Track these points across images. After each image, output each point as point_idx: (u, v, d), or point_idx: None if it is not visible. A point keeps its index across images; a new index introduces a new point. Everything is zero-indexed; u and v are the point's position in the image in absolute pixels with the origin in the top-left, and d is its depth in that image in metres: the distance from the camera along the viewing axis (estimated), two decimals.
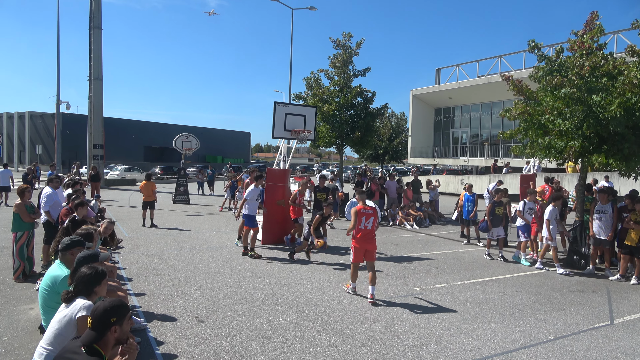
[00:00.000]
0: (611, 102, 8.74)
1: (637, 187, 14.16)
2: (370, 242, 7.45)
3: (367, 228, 7.36)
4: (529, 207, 10.67)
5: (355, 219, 7.32)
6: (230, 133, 73.21)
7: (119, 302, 3.23)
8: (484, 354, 5.36)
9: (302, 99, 21.33)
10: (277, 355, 5.15)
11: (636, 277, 8.99)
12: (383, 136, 44.95)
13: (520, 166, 22.70)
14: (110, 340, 3.11)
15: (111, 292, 5.27)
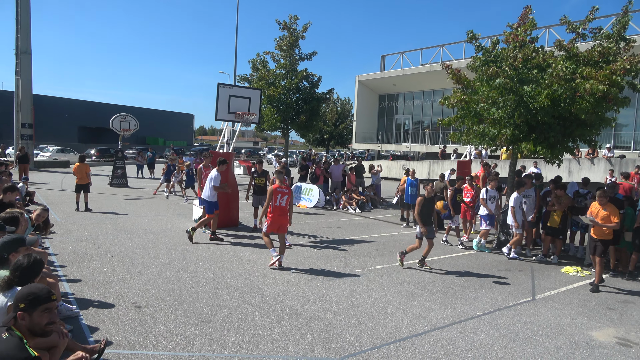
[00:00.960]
0: (540, 93, 9.30)
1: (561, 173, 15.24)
2: (284, 217, 8.28)
3: (281, 205, 8.19)
4: (490, 194, 10.50)
5: (270, 197, 8.14)
6: (172, 114, 70.82)
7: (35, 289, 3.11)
8: (417, 330, 5.63)
9: (247, 81, 20.98)
10: (217, 338, 5.14)
11: (556, 255, 9.74)
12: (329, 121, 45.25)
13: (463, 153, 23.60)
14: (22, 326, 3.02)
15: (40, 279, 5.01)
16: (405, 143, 37.36)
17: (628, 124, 25.22)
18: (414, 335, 5.48)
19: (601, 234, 7.81)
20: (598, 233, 7.85)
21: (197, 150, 42.42)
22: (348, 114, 47.24)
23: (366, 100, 39.42)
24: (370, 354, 4.94)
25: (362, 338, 5.33)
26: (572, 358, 5.09)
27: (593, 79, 8.88)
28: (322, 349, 5.01)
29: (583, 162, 20.91)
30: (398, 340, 5.33)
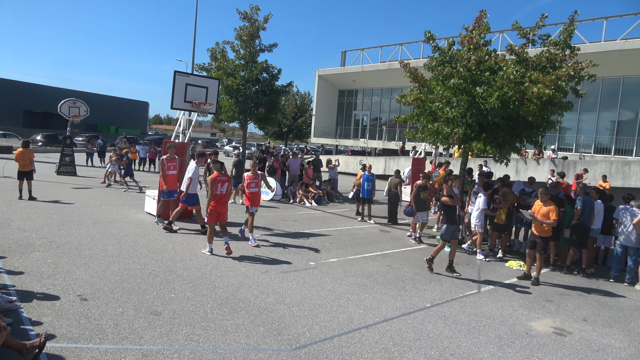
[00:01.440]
0: (491, 95, 9.65)
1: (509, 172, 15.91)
2: (224, 205, 8.54)
3: (222, 193, 8.44)
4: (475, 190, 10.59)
5: (212, 186, 8.33)
6: (126, 101, 68.21)
7: None
8: (368, 322, 5.77)
9: (205, 71, 20.55)
10: (167, 331, 5.05)
11: (501, 250, 10.20)
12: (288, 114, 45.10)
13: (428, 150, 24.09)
14: None
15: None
16: (363, 139, 37.83)
17: (571, 127, 26.64)
18: (365, 327, 5.61)
19: (541, 231, 8.24)
20: (538, 230, 8.27)
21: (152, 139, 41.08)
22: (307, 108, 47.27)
23: (326, 95, 39.56)
24: (321, 345, 5.01)
25: (314, 329, 5.40)
26: (512, 347, 5.37)
27: (540, 83, 9.31)
28: (274, 340, 5.04)
29: (529, 162, 21.93)
30: (349, 331, 5.44)
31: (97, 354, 4.41)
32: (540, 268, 8.31)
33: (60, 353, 4.39)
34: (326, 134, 39.93)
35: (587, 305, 7.20)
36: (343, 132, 39.58)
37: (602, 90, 25.08)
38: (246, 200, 9.66)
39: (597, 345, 5.64)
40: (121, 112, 64.53)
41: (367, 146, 38.57)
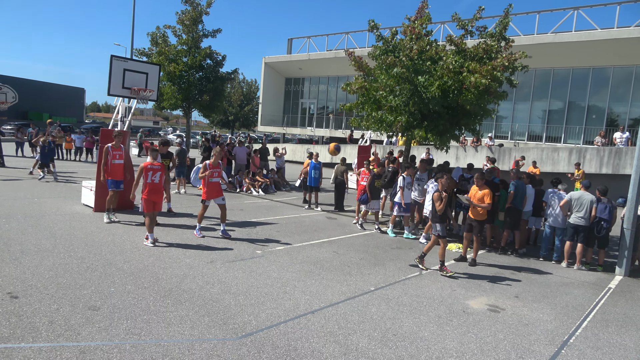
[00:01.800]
0: (432, 84, 9.96)
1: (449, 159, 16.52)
2: (158, 194, 8.50)
3: (154, 182, 8.37)
4: (407, 181, 10.65)
5: (140, 174, 8.34)
6: (60, 88, 64.14)
7: None
8: (314, 307, 5.85)
9: (145, 56, 19.69)
10: (106, 326, 4.88)
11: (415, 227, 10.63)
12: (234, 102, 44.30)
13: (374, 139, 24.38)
14: None
15: None
16: (310, 127, 37.91)
17: (507, 116, 28.05)
18: (311, 312, 5.68)
19: (477, 215, 8.64)
20: (474, 213, 8.67)
21: (89, 127, 38.99)
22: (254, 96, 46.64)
23: (272, 82, 39.19)
24: (267, 332, 5.03)
25: (261, 317, 5.41)
26: (450, 324, 5.64)
27: (477, 73, 9.70)
28: (220, 330, 5.00)
29: (468, 149, 22.89)
30: (295, 317, 5.50)
31: (29, 353, 4.19)
32: (478, 250, 8.74)
33: None
34: (273, 122, 39.65)
35: (519, 283, 7.67)
36: (290, 120, 39.45)
37: (534, 81, 26.54)
38: (204, 191, 9.14)
39: (527, 319, 6.04)
40: (55, 99, 60.64)
41: (315, 134, 38.70)
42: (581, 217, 8.89)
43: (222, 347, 4.60)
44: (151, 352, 4.39)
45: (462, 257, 8.88)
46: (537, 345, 5.23)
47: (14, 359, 4.08)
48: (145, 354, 4.34)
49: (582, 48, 23.26)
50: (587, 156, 19.83)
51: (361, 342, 4.95)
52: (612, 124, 24.14)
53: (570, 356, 5.03)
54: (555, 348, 5.20)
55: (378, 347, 4.85)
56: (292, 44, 38.22)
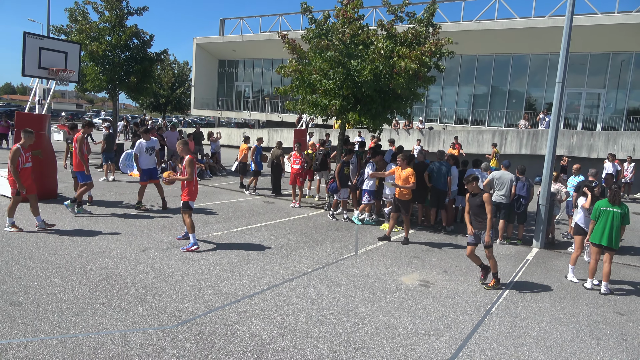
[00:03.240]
0: (364, 68, 10.15)
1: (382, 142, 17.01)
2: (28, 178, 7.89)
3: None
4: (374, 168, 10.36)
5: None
6: None
7: None
8: (252, 291, 5.88)
9: (64, 34, 18.33)
10: (30, 321, 4.61)
11: (376, 215, 11.00)
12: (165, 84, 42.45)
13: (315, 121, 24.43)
14: None
15: None
16: (246, 111, 37.31)
17: (436, 100, 29.25)
18: (249, 296, 5.71)
19: (402, 195, 8.92)
20: (400, 194, 8.98)
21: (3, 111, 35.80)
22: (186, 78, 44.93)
23: (205, 65, 37.97)
24: (204, 318, 5.00)
25: (197, 304, 5.36)
26: (384, 301, 5.90)
27: (407, 58, 10.02)
28: (155, 319, 4.90)
29: (401, 132, 23.67)
30: (233, 302, 5.50)
31: None
32: (408, 229, 9.13)
33: None
34: (207, 106, 38.57)
35: (447, 259, 8.15)
36: (225, 103, 38.56)
37: (461, 67, 27.80)
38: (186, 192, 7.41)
39: (454, 292, 6.45)
40: None
41: (250, 118, 38.14)
42: (502, 195, 9.54)
43: (157, 336, 4.52)
44: (81, 346, 4.22)
45: (386, 236, 9.10)
46: (463, 316, 5.62)
47: None
48: (75, 348, 4.17)
49: (503, 36, 24.67)
50: (509, 138, 21.22)
51: (299, 322, 5.06)
52: (531, 108, 25.95)
53: (492, 324, 5.46)
54: (479, 317, 5.62)
55: (316, 326, 4.99)
56: (224, 24, 37.17)
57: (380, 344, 4.70)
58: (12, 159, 7.64)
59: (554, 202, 9.78)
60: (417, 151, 19.81)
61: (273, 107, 35.21)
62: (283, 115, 33.30)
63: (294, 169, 11.97)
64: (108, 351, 4.17)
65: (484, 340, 4.99)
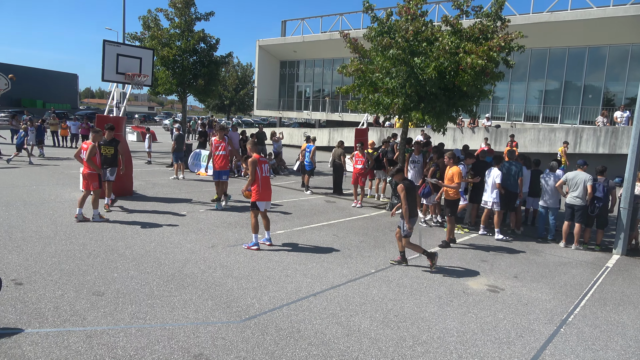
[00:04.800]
0: (428, 65, 9.91)
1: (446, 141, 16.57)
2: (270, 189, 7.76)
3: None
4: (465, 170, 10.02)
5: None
6: (52, 74, 63.38)
7: None
8: (316, 290, 5.93)
9: (138, 40, 19.43)
10: (111, 310, 4.94)
11: (441, 217, 10.71)
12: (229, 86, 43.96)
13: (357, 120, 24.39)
14: None
15: None
16: (307, 111, 37.73)
17: (503, 97, 27.99)
18: (313, 294, 5.76)
19: (447, 195, 8.60)
20: (445, 194, 8.64)
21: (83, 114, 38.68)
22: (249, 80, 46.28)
23: (267, 66, 38.84)
24: (270, 314, 5.11)
25: (263, 300, 5.49)
26: (450, 305, 5.73)
27: (474, 54, 9.66)
28: (223, 313, 5.07)
29: (465, 130, 22.90)
30: (297, 300, 5.57)
31: (37, 339, 4.25)
32: (452, 230, 8.65)
33: None
34: (269, 106, 39.42)
35: (517, 263, 7.78)
36: (286, 104, 39.23)
37: (531, 61, 26.42)
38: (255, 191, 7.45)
39: (526, 299, 6.14)
40: (48, 86, 59.99)
41: (311, 118, 38.54)
42: (576, 196, 8.96)
43: (226, 330, 4.68)
44: (157, 336, 4.46)
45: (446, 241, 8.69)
46: (536, 324, 5.33)
47: (22, 344, 4.14)
48: (151, 337, 4.41)
49: (578, 27, 23.13)
50: (584, 136, 19.88)
51: (363, 323, 5.03)
52: (609, 104, 24.15)
53: (569, 334, 5.14)
54: (554, 327, 5.31)
55: (380, 328, 4.94)
56: (286, 26, 37.82)
57: (448, 350, 4.58)
58: (91, 152, 8.59)
59: (638, 205, 9.04)
60: None
61: (333, 106, 35.34)
62: (344, 115, 33.32)
63: (356, 168, 11.94)
64: (181, 342, 4.37)
65: (560, 351, 4.71)
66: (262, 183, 7.46)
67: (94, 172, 8.66)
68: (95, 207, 8.68)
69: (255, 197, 7.43)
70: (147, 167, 17.05)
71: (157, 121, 60.75)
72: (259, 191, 7.43)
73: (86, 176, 8.69)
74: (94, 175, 8.68)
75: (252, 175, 7.39)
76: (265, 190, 7.52)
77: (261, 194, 7.45)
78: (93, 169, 8.64)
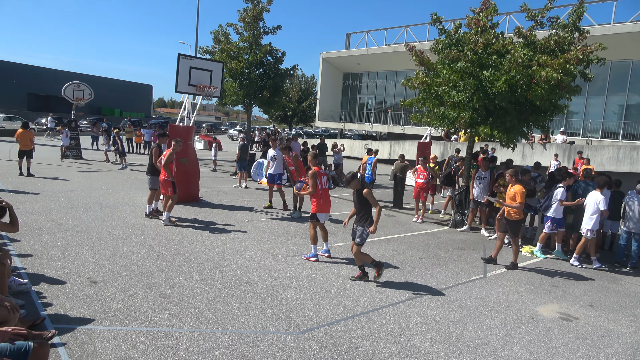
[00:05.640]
0: (498, 79, 9.55)
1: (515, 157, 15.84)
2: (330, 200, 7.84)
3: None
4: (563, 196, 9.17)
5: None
6: (129, 85, 67.89)
7: None
8: (374, 306, 5.81)
9: (209, 53, 20.40)
10: (176, 313, 5.12)
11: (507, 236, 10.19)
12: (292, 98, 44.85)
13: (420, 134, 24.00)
14: None
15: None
16: (368, 123, 37.65)
17: (578, 111, 26.39)
18: (371, 310, 5.65)
19: (509, 215, 8.10)
20: (507, 213, 8.15)
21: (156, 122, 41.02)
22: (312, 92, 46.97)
23: (330, 78, 39.26)
24: (328, 328, 5.07)
25: (321, 313, 5.46)
26: (518, 332, 5.41)
27: (548, 67, 9.19)
28: (282, 323, 5.10)
29: (536, 146, 21.79)
30: (356, 315, 5.49)
31: (108, 336, 4.48)
32: (516, 252, 8.17)
33: (72, 334, 4.46)
34: (331, 118, 39.75)
35: (593, 291, 7.22)
36: (348, 115, 39.38)
37: (610, 74, 24.76)
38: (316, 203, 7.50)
39: (603, 330, 5.67)
40: (125, 96, 64.31)
41: (372, 130, 38.38)
42: None
43: (284, 341, 4.69)
44: (218, 341, 4.55)
45: (491, 258, 8.32)
46: (615, 359, 4.90)
47: (94, 340, 4.38)
48: (213, 343, 4.51)
49: None
50: None
51: (424, 345, 4.86)
52: None
53: None
54: None
55: (441, 351, 4.75)
56: (350, 39, 38.09)
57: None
58: (168, 158, 9.05)
59: None
60: (554, 166, 18.11)
61: (395, 119, 35.00)
62: (405, 128, 32.91)
63: (418, 182, 11.69)
64: (241, 350, 4.43)
65: None
66: (322, 195, 7.53)
67: (168, 179, 9.11)
68: (168, 210, 9.12)
69: (315, 209, 7.49)
70: (213, 174, 17.70)
71: (223, 130, 63.17)
72: (319, 203, 7.49)
73: (162, 182, 9.16)
74: (168, 181, 9.12)
75: (313, 187, 7.46)
76: (326, 202, 7.59)
77: (321, 205, 7.51)
78: (168, 176, 9.10)
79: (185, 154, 11.26)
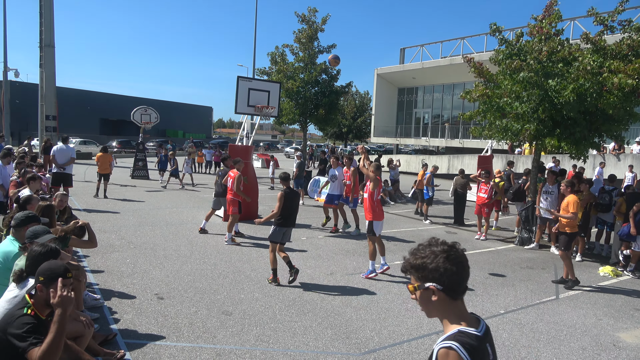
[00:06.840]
0: (565, 87, 9.06)
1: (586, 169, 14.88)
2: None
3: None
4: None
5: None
6: (191, 107, 71.31)
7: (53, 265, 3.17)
8: (438, 327, 5.58)
9: (266, 74, 20.98)
10: (238, 331, 5.18)
11: (579, 254, 9.54)
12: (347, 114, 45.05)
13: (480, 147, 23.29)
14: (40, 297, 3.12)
15: None
16: (425, 137, 36.97)
17: None
18: (435, 332, 5.43)
19: (561, 226, 7.65)
20: (560, 224, 7.70)
21: (216, 142, 42.64)
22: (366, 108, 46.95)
23: (385, 93, 39.07)
24: (391, 350, 4.92)
25: (383, 334, 5.32)
26: (598, 359, 4.98)
27: (621, 73, 8.61)
28: (343, 344, 5.01)
29: (608, 157, 20.41)
30: (419, 337, 5.30)
31: (174, 352, 4.60)
32: (570, 268, 7.55)
33: (142, 349, 4.62)
34: (386, 133, 39.44)
35: None
36: (403, 130, 38.90)
37: None
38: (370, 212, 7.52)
39: None
40: (187, 118, 67.55)
41: (429, 144, 37.65)
42: None
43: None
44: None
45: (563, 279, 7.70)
46: None
47: (162, 356, 4.51)
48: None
49: None
50: None
51: None
52: None
53: None
54: None
55: None
56: (404, 53, 37.81)
57: None
58: (237, 182, 9.39)
59: None
60: (629, 179, 16.84)
61: (453, 132, 34.14)
62: (464, 141, 31.99)
63: (480, 198, 11.24)
64: None
65: None
66: (377, 204, 7.65)
67: (235, 199, 9.37)
68: (229, 230, 9.35)
69: (371, 217, 7.50)
70: (270, 192, 18.02)
71: (279, 149, 64.49)
72: (376, 211, 7.54)
73: (229, 201, 9.43)
74: (235, 201, 9.38)
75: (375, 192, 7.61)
76: (381, 211, 7.69)
77: (377, 213, 7.55)
78: (239, 196, 9.44)
79: (245, 173, 11.50)
